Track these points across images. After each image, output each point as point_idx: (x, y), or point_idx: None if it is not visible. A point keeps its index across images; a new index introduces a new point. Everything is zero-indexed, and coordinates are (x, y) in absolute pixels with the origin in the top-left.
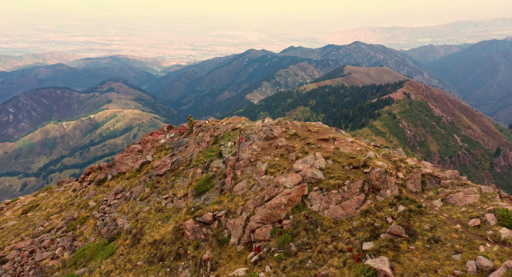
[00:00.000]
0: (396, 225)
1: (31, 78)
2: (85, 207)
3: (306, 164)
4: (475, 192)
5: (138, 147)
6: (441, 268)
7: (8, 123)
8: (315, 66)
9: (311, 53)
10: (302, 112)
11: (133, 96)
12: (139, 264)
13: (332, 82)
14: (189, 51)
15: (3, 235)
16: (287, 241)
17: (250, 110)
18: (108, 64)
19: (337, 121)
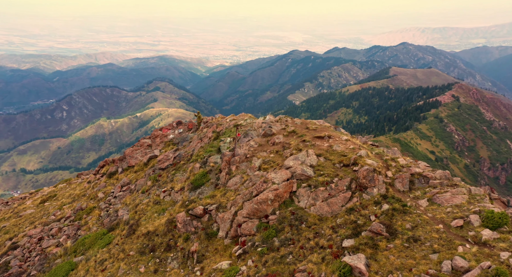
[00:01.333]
0: (377, 223)
1: (83, 77)
2: (94, 198)
3: (297, 161)
4: (463, 193)
5: (148, 142)
6: (416, 267)
7: (62, 120)
8: (360, 67)
9: (356, 54)
10: (344, 114)
11: (178, 95)
12: (131, 254)
13: (376, 84)
14: (233, 52)
15: (20, 222)
16: (271, 236)
17: (292, 111)
18: (155, 64)
19: (380, 124)
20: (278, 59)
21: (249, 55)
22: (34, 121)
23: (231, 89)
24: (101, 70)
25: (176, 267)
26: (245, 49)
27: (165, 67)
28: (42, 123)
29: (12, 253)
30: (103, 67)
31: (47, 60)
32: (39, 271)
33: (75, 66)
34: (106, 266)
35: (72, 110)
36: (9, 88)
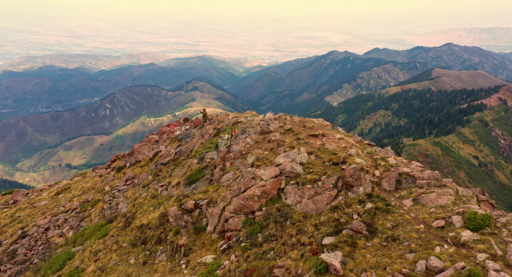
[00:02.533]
0: (357, 222)
1: (126, 76)
2: (101, 191)
3: (288, 158)
4: (450, 193)
5: (155, 138)
6: (391, 266)
7: (105, 118)
8: (401, 68)
9: (397, 55)
10: (383, 116)
11: (215, 95)
12: (124, 246)
13: (417, 86)
14: (271, 52)
15: (33, 213)
16: (255, 232)
17: (328, 113)
18: (194, 64)
19: (420, 127)
20: (316, 60)
21: (287, 55)
22: (80, 119)
23: (268, 90)
24: (143, 70)
25: (164, 259)
26: (283, 50)
27: (204, 67)
28: (86, 121)
29: (21, 241)
30: (145, 67)
31: (92, 60)
32: (40, 259)
33: (118, 65)
34: (100, 256)
35: (114, 108)
36: (58, 86)
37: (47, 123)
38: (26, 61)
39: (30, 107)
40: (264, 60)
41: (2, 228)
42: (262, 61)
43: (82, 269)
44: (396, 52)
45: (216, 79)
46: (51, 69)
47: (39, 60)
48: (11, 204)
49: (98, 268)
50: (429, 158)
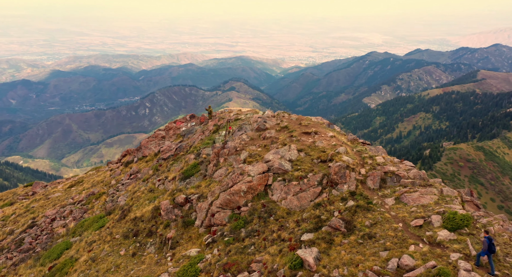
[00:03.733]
0: (336, 219)
1: (165, 76)
2: (108, 185)
3: (277, 155)
4: (434, 193)
5: (162, 134)
6: (363, 263)
7: (145, 116)
8: (443, 70)
9: (440, 57)
10: (423, 119)
11: (252, 95)
12: (116, 237)
13: (461, 88)
14: (309, 53)
15: (46, 204)
16: (238, 227)
17: (366, 114)
18: (232, 64)
19: (463, 131)
20: (355, 61)
21: (325, 56)
22: (121, 117)
23: (305, 91)
24: (182, 70)
25: (153, 252)
26: (321, 51)
27: (241, 67)
28: (127, 119)
29: (29, 231)
30: (184, 67)
31: (134, 60)
32: (42, 248)
33: (158, 65)
34: (93, 247)
35: (154, 107)
36: (101, 85)
37: (91, 121)
38: (73, 61)
39: (75, 105)
40: (301, 61)
41: (16, 217)
42: (299, 61)
43: (75, 258)
44: (439, 53)
45: (253, 79)
46: (96, 68)
47: (84, 60)
48: (30, 195)
49: (90, 258)
50: (470, 163)
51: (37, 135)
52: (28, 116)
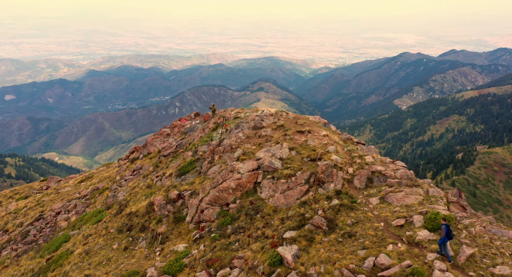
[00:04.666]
0: (318, 217)
1: (195, 76)
2: (113, 180)
3: (269, 153)
4: (419, 193)
5: (167, 131)
6: (340, 261)
7: (174, 116)
8: (480, 71)
9: (476, 58)
10: (456, 121)
11: (280, 96)
12: (111, 231)
13: (498, 90)
14: (339, 54)
15: (55, 198)
16: (225, 223)
17: (396, 116)
18: (261, 65)
19: (499, 134)
20: (386, 62)
21: (356, 57)
22: (151, 116)
23: (334, 92)
24: (212, 70)
25: (144, 246)
26: (351, 51)
27: (270, 68)
28: (157, 118)
29: (35, 223)
30: (214, 67)
31: (165, 60)
32: (44, 240)
33: (189, 66)
34: (89, 240)
35: (183, 107)
36: (133, 85)
37: (122, 120)
38: (107, 61)
39: (108, 104)
40: (331, 61)
41: (27, 210)
42: (329, 62)
43: (71, 251)
44: (476, 54)
45: (281, 80)
46: (128, 68)
47: (118, 60)
48: (44, 189)
49: (84, 251)
50: (506, 168)
51: (72, 133)
52: (64, 114)
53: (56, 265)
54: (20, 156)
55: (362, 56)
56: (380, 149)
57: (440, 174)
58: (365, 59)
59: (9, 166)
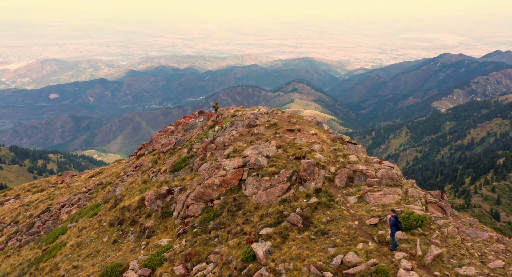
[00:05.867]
0: (294, 215)
1: (230, 77)
2: (117, 176)
3: (256, 150)
4: (398, 193)
5: (172, 128)
6: (309, 258)
7: None
8: None
9: None
10: (499, 125)
11: (314, 97)
12: (103, 225)
13: None
14: (376, 55)
15: (65, 192)
16: (208, 219)
17: (434, 119)
18: (295, 66)
19: None
20: (425, 63)
21: (393, 58)
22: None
23: (369, 93)
24: (246, 71)
25: (132, 240)
26: (389, 52)
27: (305, 69)
28: None
29: (41, 216)
30: (248, 67)
31: (201, 61)
32: (45, 232)
33: (224, 66)
34: (82, 233)
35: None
36: (169, 85)
37: (158, 119)
38: (145, 61)
39: (145, 103)
40: (367, 62)
41: (38, 203)
42: (365, 63)
43: (65, 243)
44: None
45: (316, 81)
46: (165, 69)
47: (155, 60)
48: (59, 184)
49: (76, 243)
50: None
51: (110, 131)
52: (104, 113)
53: (49, 256)
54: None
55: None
56: (417, 153)
57: (479, 179)
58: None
59: (51, 162)
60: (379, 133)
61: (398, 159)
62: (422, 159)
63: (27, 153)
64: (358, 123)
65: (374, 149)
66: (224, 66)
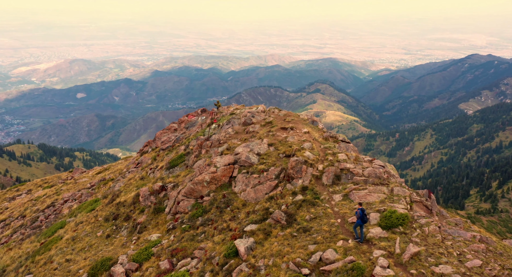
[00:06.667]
0: (278, 212)
1: (252, 77)
2: (120, 172)
3: (247, 148)
4: (383, 192)
5: (175, 126)
6: (289, 254)
7: None
8: None
9: None
10: None
11: (337, 98)
12: (99, 220)
13: None
14: (401, 55)
15: (71, 188)
16: (196, 215)
17: (461, 121)
18: (318, 66)
19: None
20: (453, 64)
21: (419, 59)
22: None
23: (394, 94)
24: (268, 71)
25: (124, 235)
26: (415, 53)
27: (328, 69)
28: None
29: (46, 210)
30: (271, 68)
31: (224, 61)
32: (46, 226)
33: (246, 67)
34: (78, 227)
35: None
36: (192, 85)
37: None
38: (169, 62)
39: (169, 103)
40: (392, 63)
41: (45, 198)
42: (390, 64)
43: (61, 237)
44: None
45: (339, 81)
46: (189, 69)
47: (179, 61)
48: (68, 180)
49: (71, 237)
50: None
51: (134, 130)
52: (128, 112)
53: (45, 249)
54: (87, 150)
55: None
56: (442, 155)
57: (507, 183)
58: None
59: (77, 159)
60: (403, 135)
61: (423, 162)
62: (448, 161)
63: (55, 151)
64: (381, 125)
65: (398, 151)
66: (246, 67)
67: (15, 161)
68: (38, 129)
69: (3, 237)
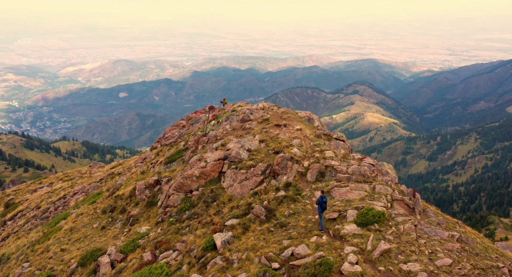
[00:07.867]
0: (259, 207)
1: (290, 78)
2: (128, 167)
3: (238, 144)
4: (364, 189)
5: (184, 123)
6: (263, 249)
7: None
8: None
9: None
10: None
11: (376, 100)
12: (97, 212)
13: None
14: (445, 56)
15: (85, 181)
16: (184, 209)
17: (509, 125)
18: (357, 67)
19: None
20: (501, 65)
21: (464, 60)
22: None
23: (436, 96)
24: (306, 72)
25: (118, 227)
26: (459, 54)
27: (367, 70)
28: None
29: (57, 202)
30: (308, 69)
31: (262, 62)
32: (52, 217)
33: (284, 67)
34: (78, 219)
35: None
36: (230, 85)
37: None
38: (207, 62)
39: (206, 103)
40: (435, 64)
41: (60, 191)
42: (432, 65)
43: (61, 227)
44: None
45: (378, 83)
46: (226, 69)
47: (218, 61)
48: (86, 174)
49: (70, 228)
50: None
51: None
52: (167, 112)
53: (45, 239)
54: (127, 148)
55: (471, 59)
56: (487, 160)
57: None
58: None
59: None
60: (445, 138)
61: (466, 166)
62: (493, 167)
63: (97, 148)
64: (422, 128)
65: (439, 154)
66: (284, 67)
67: (61, 157)
68: (83, 127)
69: (16, 227)
